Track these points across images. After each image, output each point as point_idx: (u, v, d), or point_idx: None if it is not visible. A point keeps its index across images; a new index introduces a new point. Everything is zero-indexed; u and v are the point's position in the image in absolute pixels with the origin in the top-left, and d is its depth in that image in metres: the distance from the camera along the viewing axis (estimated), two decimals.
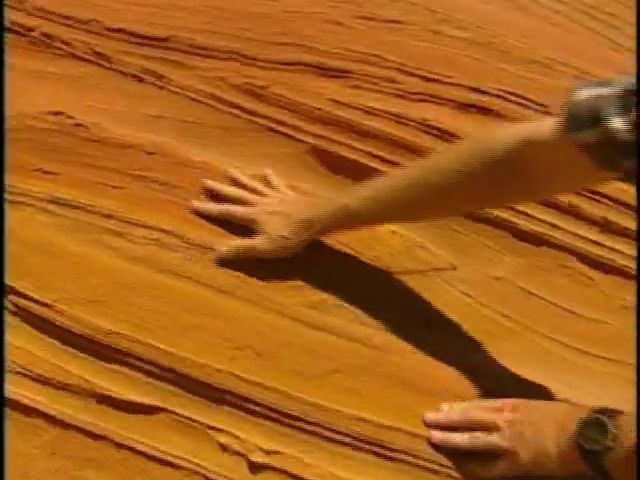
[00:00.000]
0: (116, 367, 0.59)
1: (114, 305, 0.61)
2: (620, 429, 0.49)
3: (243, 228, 0.68)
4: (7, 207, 0.65)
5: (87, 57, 0.84)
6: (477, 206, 0.70)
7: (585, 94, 0.50)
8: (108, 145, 0.73)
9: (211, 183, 0.71)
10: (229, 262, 0.65)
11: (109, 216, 0.67)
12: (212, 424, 0.57)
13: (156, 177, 0.71)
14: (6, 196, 0.66)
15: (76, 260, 0.63)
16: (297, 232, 0.65)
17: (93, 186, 0.69)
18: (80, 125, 0.74)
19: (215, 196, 0.70)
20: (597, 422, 0.50)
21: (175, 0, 0.92)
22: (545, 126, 0.55)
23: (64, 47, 0.84)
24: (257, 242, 0.65)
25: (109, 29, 0.86)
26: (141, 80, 0.83)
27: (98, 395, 0.58)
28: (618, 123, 0.47)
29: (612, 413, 0.51)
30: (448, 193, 0.61)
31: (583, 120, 0.50)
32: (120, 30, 0.86)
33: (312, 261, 0.68)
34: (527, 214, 0.81)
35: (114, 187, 0.69)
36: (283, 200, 0.70)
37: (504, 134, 0.60)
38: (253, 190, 0.71)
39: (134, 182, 0.70)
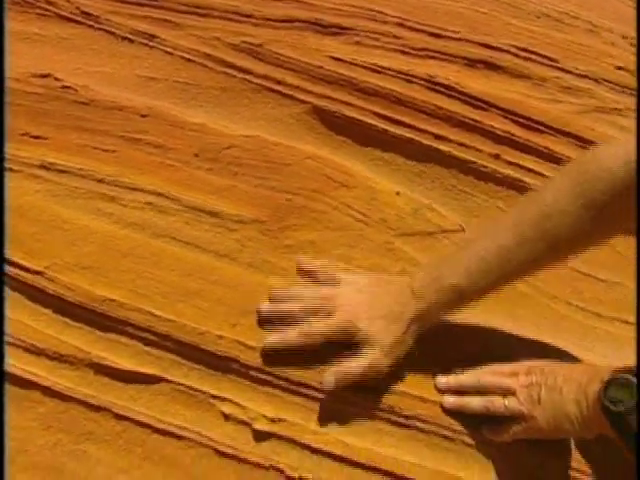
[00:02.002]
0: (113, 336, 0.56)
1: (109, 272, 0.58)
2: None
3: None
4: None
5: (74, 17, 0.80)
6: (606, 237, 0.58)
7: None
8: (99, 108, 0.70)
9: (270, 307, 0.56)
10: (227, 231, 0.61)
11: (101, 180, 0.64)
12: (214, 393, 0.55)
13: (150, 140, 0.68)
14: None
15: (68, 226, 0.60)
16: (412, 331, 0.54)
17: (84, 150, 0.66)
18: (68, 87, 0.70)
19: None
20: (623, 382, 0.48)
21: None
22: None
23: (49, 7, 0.80)
24: (377, 357, 0.52)
25: None
26: (132, 41, 0.79)
27: (95, 365, 0.55)
28: None
29: (636, 372, 0.48)
30: (574, 236, 0.53)
31: None
32: None
33: (314, 223, 0.65)
34: (539, 173, 0.78)
35: (106, 151, 0.66)
36: (362, 297, 0.55)
37: (616, 158, 0.52)
38: (318, 297, 0.56)
39: (127, 145, 0.67)
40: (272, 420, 0.55)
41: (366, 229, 0.67)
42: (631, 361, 0.69)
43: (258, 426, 0.54)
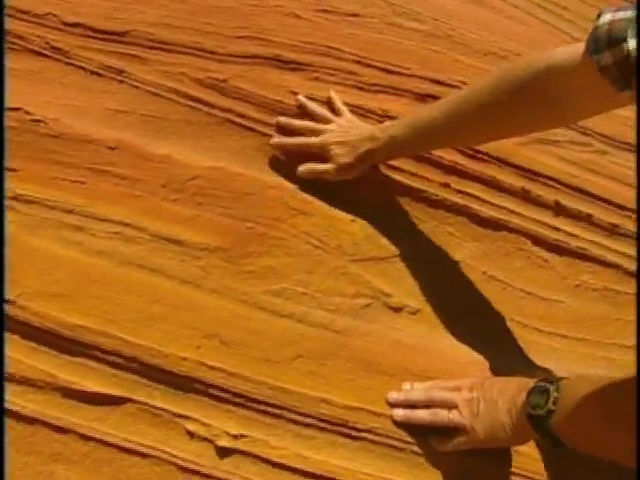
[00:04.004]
0: (81, 360, 0.59)
1: (78, 298, 0.61)
2: (560, 392, 0.52)
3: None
4: None
5: (44, 52, 0.83)
6: (510, 132, 0.74)
7: (607, 18, 0.52)
8: (68, 140, 0.73)
9: (283, 119, 0.79)
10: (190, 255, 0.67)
11: (71, 211, 0.67)
12: (179, 412, 0.58)
13: (118, 171, 0.71)
14: None
15: (38, 256, 0.63)
16: (361, 161, 0.75)
17: (54, 182, 0.69)
18: (39, 121, 0.73)
19: (287, 131, 0.79)
20: (541, 389, 0.53)
21: None
22: (570, 50, 0.58)
23: (19, 42, 0.83)
24: (329, 168, 0.76)
25: (66, 23, 0.85)
26: (100, 75, 0.82)
27: (63, 389, 0.58)
28: (633, 44, 0.49)
29: (555, 379, 0.54)
30: (482, 121, 0.67)
31: (603, 42, 0.52)
32: (77, 24, 0.85)
33: (275, 250, 0.70)
34: (486, 200, 0.84)
35: (75, 182, 0.69)
36: (346, 128, 0.78)
37: (530, 61, 0.63)
38: (319, 117, 0.79)
39: (95, 177, 0.70)
40: (234, 437, 0.58)
41: (323, 255, 0.72)
42: (570, 372, 0.76)
43: (221, 442, 0.58)
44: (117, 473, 0.56)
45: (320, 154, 0.76)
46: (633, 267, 0.86)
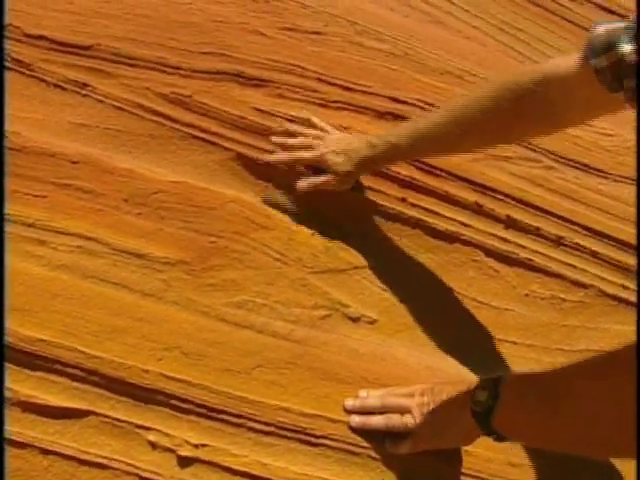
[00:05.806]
0: (41, 374, 0.59)
1: (39, 312, 0.61)
2: (501, 388, 0.55)
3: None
4: None
5: (5, 64, 0.83)
6: (507, 139, 0.78)
7: (602, 29, 0.58)
8: (30, 154, 0.73)
9: (277, 139, 0.82)
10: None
11: (32, 225, 0.67)
12: (141, 423, 0.59)
13: (80, 185, 0.72)
14: None
15: None
16: (360, 168, 0.78)
17: (14, 195, 0.69)
18: None
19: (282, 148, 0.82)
20: (484, 385, 0.57)
21: (99, 7, 0.92)
22: (567, 60, 0.63)
23: None
24: (330, 179, 0.78)
25: (28, 35, 0.85)
26: (63, 88, 0.83)
27: (23, 403, 0.58)
28: (627, 48, 0.55)
29: (497, 377, 0.57)
30: (481, 127, 0.69)
31: (599, 49, 0.58)
32: (40, 37, 0.86)
33: (236, 263, 0.72)
34: (439, 214, 0.88)
35: (36, 196, 0.70)
36: (339, 140, 0.81)
37: (530, 70, 0.67)
38: (311, 136, 0.82)
39: (57, 190, 0.71)
40: (195, 446, 0.60)
41: (284, 267, 0.74)
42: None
43: (183, 452, 0.59)
44: None
45: (318, 167, 0.79)
46: (577, 276, 0.92)
